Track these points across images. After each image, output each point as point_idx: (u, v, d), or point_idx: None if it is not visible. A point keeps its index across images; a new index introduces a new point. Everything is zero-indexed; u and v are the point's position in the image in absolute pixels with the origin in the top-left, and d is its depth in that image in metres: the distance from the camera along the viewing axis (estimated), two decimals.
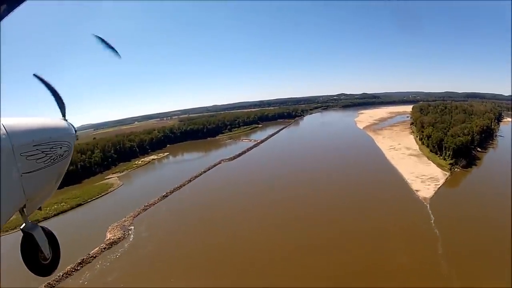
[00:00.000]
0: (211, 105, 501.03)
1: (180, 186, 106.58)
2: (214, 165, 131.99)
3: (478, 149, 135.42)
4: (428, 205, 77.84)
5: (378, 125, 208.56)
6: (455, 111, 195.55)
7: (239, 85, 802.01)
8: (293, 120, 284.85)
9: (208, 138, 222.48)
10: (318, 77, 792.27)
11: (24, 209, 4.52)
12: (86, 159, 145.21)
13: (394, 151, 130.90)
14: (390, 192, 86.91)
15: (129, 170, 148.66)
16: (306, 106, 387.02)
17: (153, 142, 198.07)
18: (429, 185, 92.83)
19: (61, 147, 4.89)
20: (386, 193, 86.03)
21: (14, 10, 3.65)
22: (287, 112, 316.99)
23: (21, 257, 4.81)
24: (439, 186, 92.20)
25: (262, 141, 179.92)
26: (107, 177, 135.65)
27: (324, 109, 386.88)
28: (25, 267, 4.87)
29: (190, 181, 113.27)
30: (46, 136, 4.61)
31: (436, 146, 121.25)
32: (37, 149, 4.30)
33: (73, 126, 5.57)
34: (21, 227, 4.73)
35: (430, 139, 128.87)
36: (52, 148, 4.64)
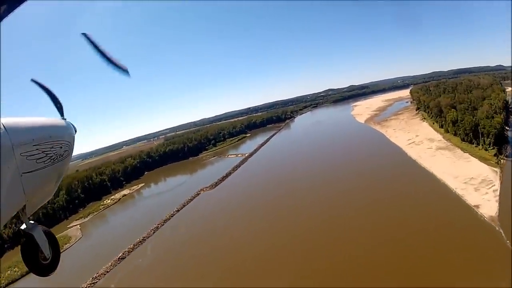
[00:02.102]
0: (199, 119, 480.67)
1: (143, 240, 78.16)
2: (191, 199, 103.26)
3: (507, 127, 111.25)
4: (502, 232, 50.87)
5: (380, 116, 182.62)
6: (460, 87, 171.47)
7: (225, 95, 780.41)
8: (283, 124, 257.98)
9: (190, 158, 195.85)
10: (302, 77, 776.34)
11: (24, 209, 4.40)
12: (48, 205, 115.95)
13: (416, 146, 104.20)
14: (441, 214, 59.27)
15: (94, 213, 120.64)
16: (295, 107, 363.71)
17: (127, 172, 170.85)
18: (486, 193, 65.95)
19: (61, 147, 4.80)
20: (435, 217, 58.36)
21: (14, 10, 3.63)
22: (276, 115, 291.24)
23: (21, 257, 4.78)
24: (499, 192, 65.62)
25: (250, 155, 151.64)
26: (70, 224, 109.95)
27: (314, 107, 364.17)
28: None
29: (157, 228, 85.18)
30: (46, 135, 4.53)
31: (470, 134, 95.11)
32: (37, 149, 4.24)
33: (73, 126, 5.47)
34: (21, 227, 4.67)
35: (458, 124, 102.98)
36: (52, 147, 4.57)
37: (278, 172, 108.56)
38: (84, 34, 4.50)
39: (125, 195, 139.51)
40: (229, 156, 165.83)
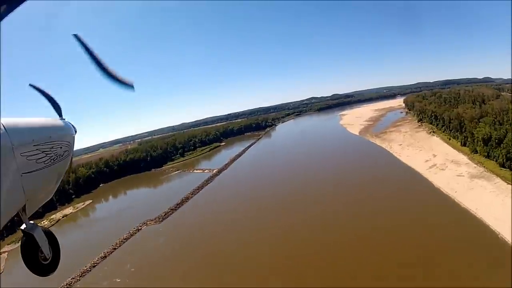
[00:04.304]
0: (179, 123, 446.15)
1: None
2: (126, 238, 72.66)
3: None
4: None
5: (376, 128, 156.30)
6: (463, 97, 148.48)
7: (207, 100, 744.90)
8: (263, 132, 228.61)
9: (153, 170, 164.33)
10: (285, 85, 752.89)
11: (24, 209, 4.37)
12: None
13: (440, 171, 76.68)
14: None
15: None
16: (276, 114, 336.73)
17: (79, 184, 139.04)
18: None
19: (61, 147, 4.78)
20: None
21: (14, 10, 3.59)
22: (255, 123, 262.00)
23: (21, 257, 4.71)
24: None
25: (219, 171, 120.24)
26: (2, 249, 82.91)
27: (297, 115, 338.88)
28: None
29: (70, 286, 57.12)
30: (46, 135, 4.50)
31: None
32: (37, 149, 4.22)
33: (73, 126, 5.45)
34: (22, 227, 4.61)
35: (491, 144, 77.15)
36: (52, 148, 4.55)
37: (250, 205, 77.35)
38: (76, 36, 4.32)
39: (66, 215, 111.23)
40: (195, 171, 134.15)
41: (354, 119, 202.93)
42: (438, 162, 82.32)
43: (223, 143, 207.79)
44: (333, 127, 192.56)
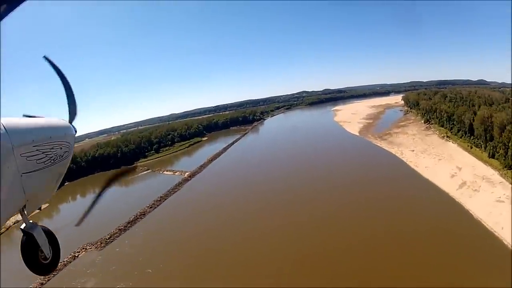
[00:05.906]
0: (168, 114, 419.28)
1: None
2: (57, 270, 53.03)
3: None
4: None
5: (376, 127, 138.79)
6: (463, 99, 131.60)
7: (197, 90, 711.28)
8: (250, 127, 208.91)
9: (122, 167, 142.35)
10: (276, 78, 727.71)
11: (24, 209, 4.40)
12: None
13: (474, 192, 58.86)
14: None
15: None
16: (266, 107, 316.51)
17: None
18: None
19: (61, 148, 4.78)
20: None
21: (14, 10, 3.65)
22: (242, 116, 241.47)
23: (21, 257, 4.66)
24: None
25: (192, 174, 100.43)
26: None
27: (287, 108, 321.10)
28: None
29: None
30: (46, 136, 4.52)
31: None
32: (37, 150, 4.23)
33: (73, 127, 5.43)
34: (22, 227, 4.66)
35: None
36: (52, 148, 4.56)
37: (224, 229, 58.25)
38: (45, 57, 4.51)
39: (18, 221, 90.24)
40: (165, 172, 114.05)
41: (350, 116, 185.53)
42: (467, 178, 64.98)
43: (205, 138, 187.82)
44: (327, 124, 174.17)
